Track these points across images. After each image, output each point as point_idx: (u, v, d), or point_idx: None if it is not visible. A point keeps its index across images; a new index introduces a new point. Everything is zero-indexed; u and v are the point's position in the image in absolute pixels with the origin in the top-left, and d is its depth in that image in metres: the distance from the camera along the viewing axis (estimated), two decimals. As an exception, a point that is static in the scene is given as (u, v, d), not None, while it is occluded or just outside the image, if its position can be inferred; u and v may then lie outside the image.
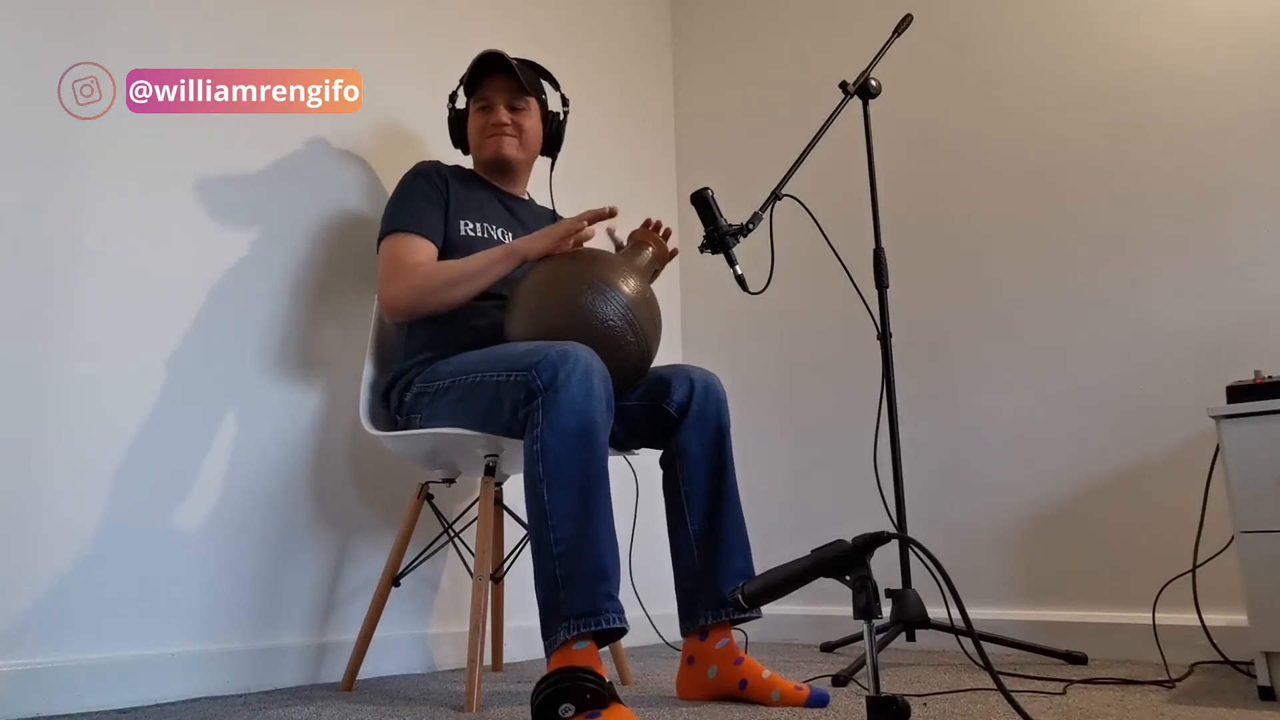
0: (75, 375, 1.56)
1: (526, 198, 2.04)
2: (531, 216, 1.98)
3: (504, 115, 1.90)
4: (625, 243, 1.81)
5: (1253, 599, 1.52)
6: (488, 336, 1.69)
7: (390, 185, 1.90)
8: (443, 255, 1.78)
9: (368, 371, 1.85)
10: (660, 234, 1.79)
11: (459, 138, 2.01)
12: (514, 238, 1.88)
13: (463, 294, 1.69)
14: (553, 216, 2.05)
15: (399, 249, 1.75)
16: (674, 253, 1.81)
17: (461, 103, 2.01)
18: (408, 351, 1.78)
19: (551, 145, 2.03)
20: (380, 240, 1.79)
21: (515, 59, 1.89)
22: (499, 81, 1.90)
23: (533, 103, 1.94)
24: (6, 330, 1.49)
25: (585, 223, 1.63)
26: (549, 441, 1.36)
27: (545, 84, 2.01)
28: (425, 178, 1.83)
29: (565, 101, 2.03)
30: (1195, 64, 2.22)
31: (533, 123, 1.95)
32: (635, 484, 1.93)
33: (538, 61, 2.02)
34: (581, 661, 1.27)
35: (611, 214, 1.68)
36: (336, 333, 1.97)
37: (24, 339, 1.51)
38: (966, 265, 2.49)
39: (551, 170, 2.09)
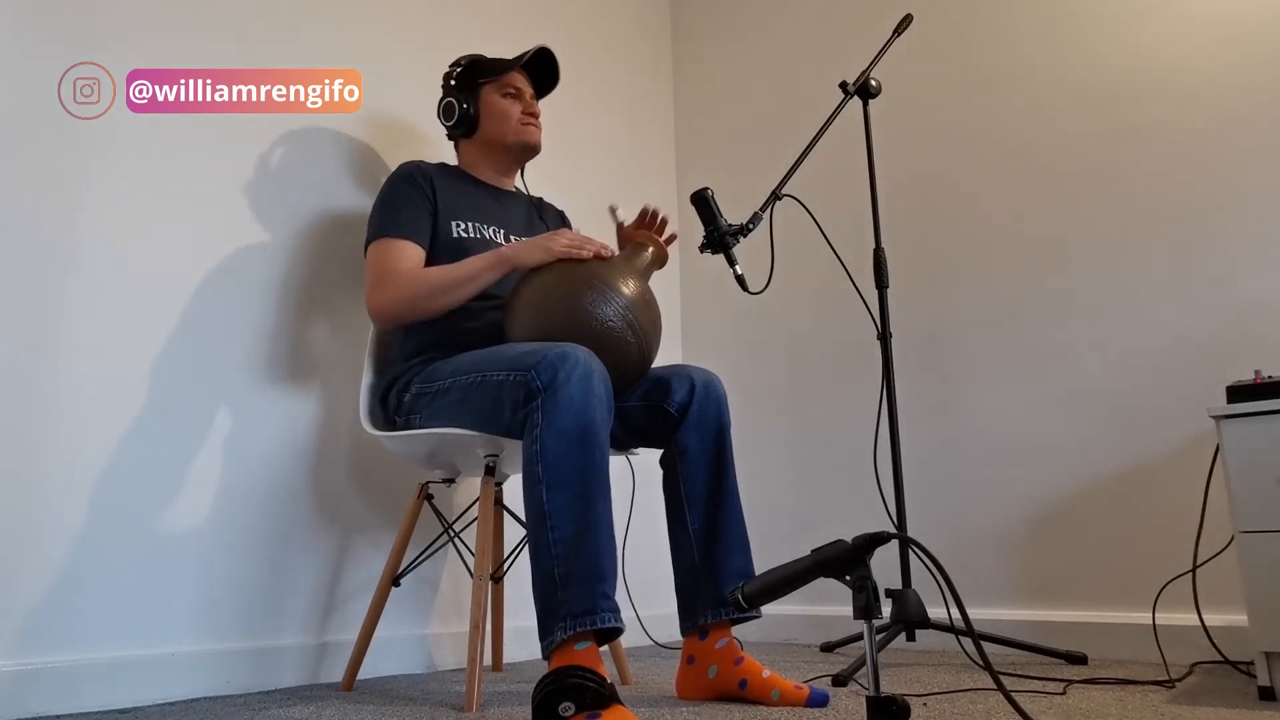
0: (75, 375, 1.56)
1: (513, 190, 2.04)
2: (520, 210, 1.98)
3: (537, 106, 1.97)
4: (626, 224, 1.82)
5: (1253, 599, 1.52)
6: (486, 337, 1.68)
7: (390, 186, 1.90)
8: (435, 258, 1.77)
9: (367, 372, 1.85)
10: (658, 224, 1.80)
11: (463, 116, 1.91)
12: (506, 234, 1.88)
13: (450, 301, 1.69)
14: (538, 205, 2.05)
15: (385, 255, 1.74)
16: (673, 237, 1.81)
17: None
18: (407, 352, 1.79)
19: None
20: (366, 246, 1.78)
21: None
22: (527, 77, 1.97)
23: None
24: (6, 330, 1.49)
25: (585, 253, 1.61)
26: (548, 442, 1.36)
27: None
28: (409, 180, 1.81)
29: None
30: (1194, 65, 2.22)
31: None
32: (633, 484, 1.92)
33: None
34: (582, 661, 1.27)
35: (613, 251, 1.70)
36: (336, 333, 1.97)
37: (25, 339, 1.51)
38: (966, 265, 2.49)
39: (521, 172, 2.08)
